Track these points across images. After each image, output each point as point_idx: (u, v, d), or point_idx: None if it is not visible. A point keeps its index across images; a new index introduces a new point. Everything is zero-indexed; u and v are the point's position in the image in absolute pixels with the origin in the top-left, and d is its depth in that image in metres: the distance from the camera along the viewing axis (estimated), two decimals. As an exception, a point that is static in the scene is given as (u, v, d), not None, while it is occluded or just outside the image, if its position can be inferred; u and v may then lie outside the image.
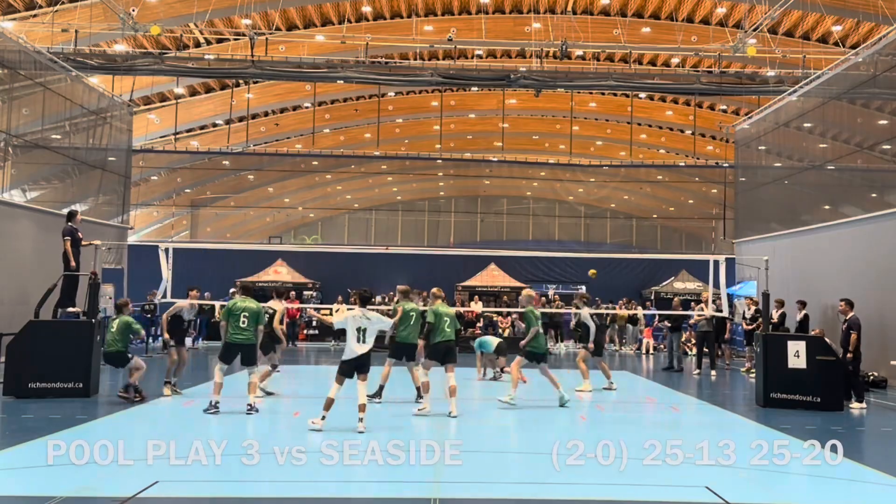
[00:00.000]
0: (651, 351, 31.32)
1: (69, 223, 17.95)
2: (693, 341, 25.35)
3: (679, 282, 37.09)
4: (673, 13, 41.51)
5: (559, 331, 31.78)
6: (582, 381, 18.36)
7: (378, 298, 34.70)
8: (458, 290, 35.19)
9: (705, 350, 23.71)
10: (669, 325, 25.18)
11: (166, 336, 16.96)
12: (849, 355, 16.77)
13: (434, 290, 15.41)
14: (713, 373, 22.99)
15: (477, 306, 32.84)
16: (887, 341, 20.17)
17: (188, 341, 24.34)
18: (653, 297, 36.14)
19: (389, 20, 43.81)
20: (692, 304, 26.76)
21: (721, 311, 20.82)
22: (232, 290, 28.97)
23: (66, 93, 27.98)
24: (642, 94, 48.33)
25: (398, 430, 12.74)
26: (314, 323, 32.46)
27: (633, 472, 10.03)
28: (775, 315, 21.75)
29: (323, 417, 12.36)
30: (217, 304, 29.37)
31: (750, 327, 23.53)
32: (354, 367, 12.59)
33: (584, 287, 39.41)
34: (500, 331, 30.88)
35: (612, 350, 31.78)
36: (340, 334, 22.26)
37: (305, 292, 34.65)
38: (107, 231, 28.75)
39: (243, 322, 14.10)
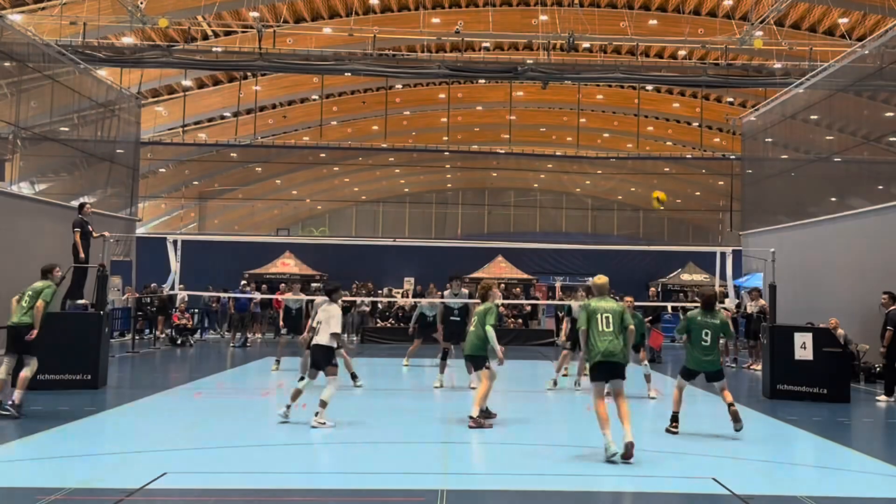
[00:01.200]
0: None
1: (79, 215, 18.03)
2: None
3: (686, 274, 37.05)
4: (680, 5, 41.44)
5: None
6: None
7: (384, 290, 34.86)
8: (466, 282, 35.21)
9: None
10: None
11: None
12: (882, 350, 16.73)
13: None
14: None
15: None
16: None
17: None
18: (660, 290, 36.06)
19: (397, 12, 43.80)
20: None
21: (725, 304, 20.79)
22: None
23: (74, 85, 28.02)
24: (649, 87, 48.20)
25: (405, 422, 12.78)
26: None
27: (640, 463, 10.06)
28: (753, 307, 21.89)
29: (288, 406, 12.40)
30: (224, 295, 29.54)
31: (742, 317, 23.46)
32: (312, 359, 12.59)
33: (590, 279, 39.42)
34: (505, 323, 30.97)
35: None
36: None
37: (313, 284, 34.72)
38: (115, 223, 28.81)
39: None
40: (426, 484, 8.79)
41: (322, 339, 12.35)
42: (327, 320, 12.42)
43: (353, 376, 16.93)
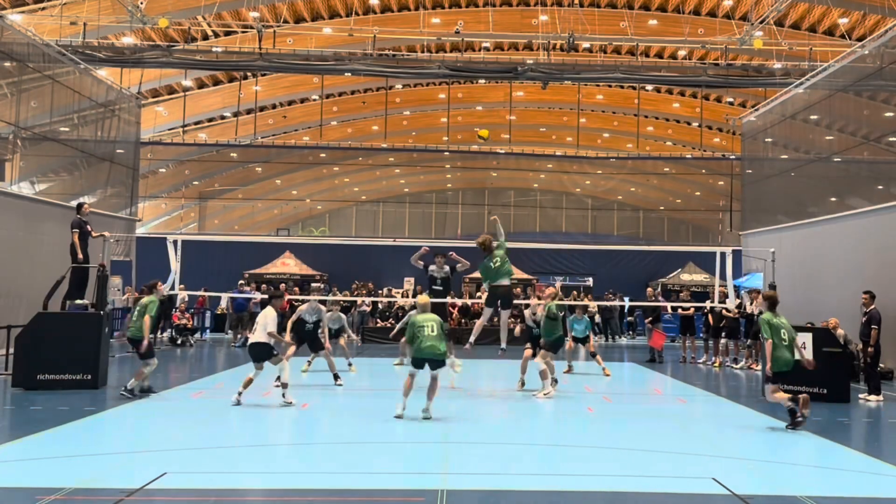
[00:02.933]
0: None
1: (78, 215, 18.03)
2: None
3: (686, 273, 37.05)
4: (680, 5, 41.38)
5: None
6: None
7: (384, 290, 34.82)
8: (466, 283, 35.26)
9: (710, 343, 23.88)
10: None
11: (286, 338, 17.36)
12: (869, 349, 16.74)
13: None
14: (717, 365, 23.04)
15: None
16: (893, 332, 20.15)
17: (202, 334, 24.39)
18: (659, 289, 36.06)
19: (397, 12, 43.78)
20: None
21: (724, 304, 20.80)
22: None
23: (74, 85, 28.05)
24: (649, 87, 48.21)
25: (405, 422, 12.78)
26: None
27: (640, 463, 10.08)
28: (754, 307, 21.85)
29: (240, 393, 13.98)
30: (224, 295, 29.51)
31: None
32: (251, 355, 14.30)
33: (590, 279, 39.49)
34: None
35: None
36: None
37: (313, 284, 34.72)
38: (115, 223, 28.84)
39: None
40: (426, 484, 8.79)
41: (258, 337, 14.07)
42: (264, 322, 14.05)
43: (335, 376, 17.04)
